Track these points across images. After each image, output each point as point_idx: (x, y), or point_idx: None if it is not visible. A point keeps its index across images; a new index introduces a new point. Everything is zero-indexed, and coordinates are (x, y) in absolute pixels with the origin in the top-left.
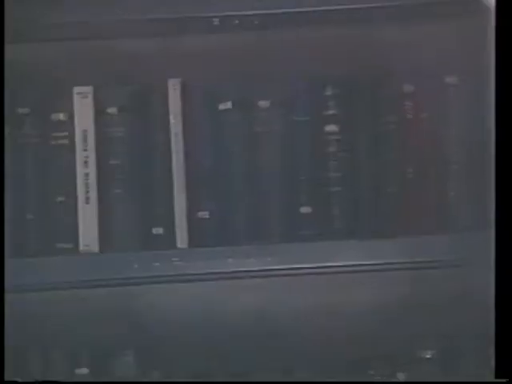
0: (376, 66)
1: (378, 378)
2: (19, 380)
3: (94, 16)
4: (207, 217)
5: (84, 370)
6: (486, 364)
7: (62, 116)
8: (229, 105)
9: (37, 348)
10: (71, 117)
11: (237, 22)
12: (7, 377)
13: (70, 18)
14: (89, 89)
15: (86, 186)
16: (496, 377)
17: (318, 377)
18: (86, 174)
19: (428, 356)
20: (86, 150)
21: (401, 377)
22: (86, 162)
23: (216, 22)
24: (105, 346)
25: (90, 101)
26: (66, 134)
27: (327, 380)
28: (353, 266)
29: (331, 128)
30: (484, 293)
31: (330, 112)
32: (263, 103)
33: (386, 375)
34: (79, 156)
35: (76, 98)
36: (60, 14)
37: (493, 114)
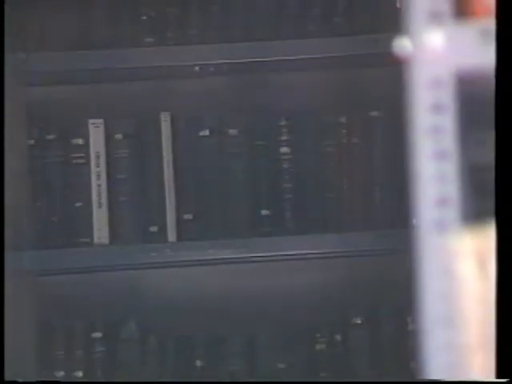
0: (318, 102)
1: (322, 340)
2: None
3: (103, 64)
4: (191, 218)
5: (98, 334)
6: (403, 328)
7: (80, 141)
8: (207, 132)
9: (62, 318)
10: (87, 142)
11: (212, 69)
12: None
13: (84, 67)
14: (100, 121)
15: (99, 194)
16: (496, 377)
17: (278, 339)
18: (99, 185)
19: (359, 322)
20: (98, 167)
21: (338, 337)
22: (98, 176)
23: (196, 68)
24: (114, 315)
25: (101, 130)
26: (83, 155)
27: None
28: (301, 254)
29: (284, 150)
30: (402, 276)
31: (284, 138)
32: (232, 131)
33: (328, 336)
34: (93, 171)
35: (91, 128)
36: (77, 63)
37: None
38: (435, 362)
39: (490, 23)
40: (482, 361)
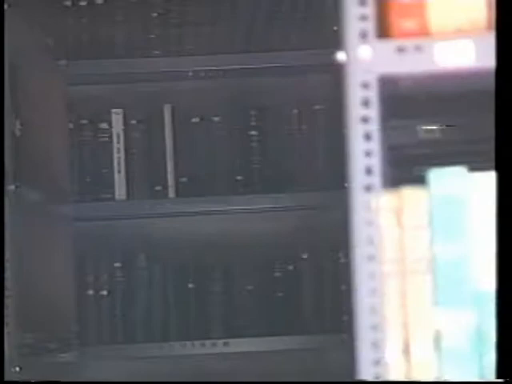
0: (277, 98)
1: (279, 269)
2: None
3: (122, 69)
4: (186, 181)
5: (118, 264)
6: (337, 261)
7: (105, 125)
8: (198, 119)
9: (92, 252)
10: (110, 125)
11: (202, 74)
12: None
13: (109, 71)
14: (120, 110)
15: (118, 163)
16: (496, 377)
17: (247, 268)
18: (118, 157)
19: (305, 257)
20: (118, 143)
21: (291, 268)
22: (118, 150)
23: (190, 73)
24: (129, 250)
25: (120, 117)
26: (107, 135)
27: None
28: (265, 208)
29: (253, 132)
30: (339, 224)
31: (253, 124)
32: (216, 118)
33: (283, 267)
34: (114, 147)
35: (113, 115)
36: (103, 68)
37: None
38: (362, 287)
39: (402, 42)
40: (397, 285)
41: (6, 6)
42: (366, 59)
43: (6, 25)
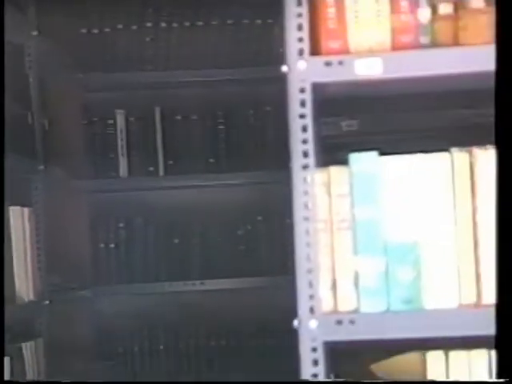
0: (237, 103)
1: (241, 228)
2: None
3: (124, 80)
4: (172, 163)
5: (121, 224)
6: (284, 223)
7: (111, 121)
8: (180, 117)
9: (102, 216)
10: (115, 122)
11: (184, 84)
12: None
13: (113, 81)
14: (122, 111)
15: (122, 150)
16: (496, 377)
17: (216, 226)
18: (121, 146)
19: (260, 219)
20: (121, 134)
21: (249, 227)
22: (121, 140)
23: (174, 83)
24: (130, 214)
25: (123, 115)
26: (113, 128)
27: None
28: (232, 184)
29: (221, 126)
30: (285, 195)
31: (220, 120)
32: (194, 116)
33: (244, 227)
34: (118, 137)
35: (117, 114)
36: (109, 79)
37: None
38: (300, 241)
39: (329, 58)
40: (326, 239)
41: (36, 33)
42: (302, 71)
43: (36, 47)
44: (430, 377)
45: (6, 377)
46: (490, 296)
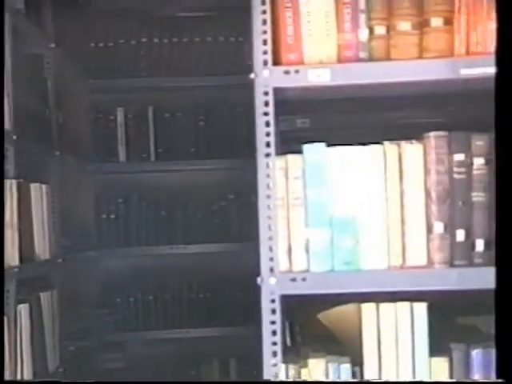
0: (216, 103)
1: (215, 205)
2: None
3: (126, 85)
4: (162, 151)
5: (120, 200)
6: (251, 202)
7: (113, 117)
8: (168, 115)
9: (105, 193)
10: (116, 117)
11: (172, 88)
12: None
13: (117, 86)
14: (122, 108)
15: (121, 139)
16: (496, 377)
17: (199, 202)
18: (121, 136)
19: (232, 197)
20: (121, 128)
21: (223, 203)
22: (121, 132)
23: (181, 87)
24: (128, 193)
25: (122, 112)
26: (114, 123)
27: None
28: (207, 168)
29: (201, 123)
30: (252, 177)
31: (201, 117)
32: (179, 114)
33: (218, 203)
34: (119, 130)
35: (118, 111)
36: (113, 84)
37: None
38: (263, 215)
39: (287, 68)
40: (284, 213)
41: (53, 45)
42: (266, 78)
43: (53, 57)
44: (364, 324)
45: (25, 324)
46: (412, 260)
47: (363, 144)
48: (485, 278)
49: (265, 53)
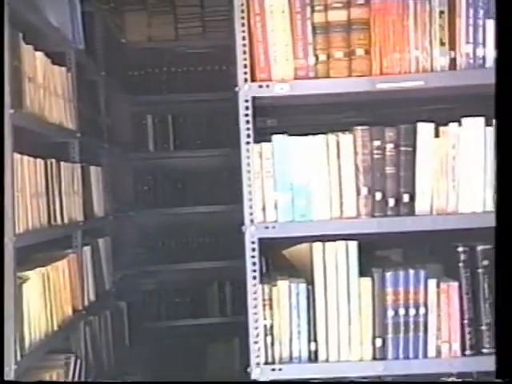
0: (209, 112)
1: (213, 182)
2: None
3: (145, 100)
4: (179, 143)
5: (150, 177)
6: (238, 176)
7: (144, 122)
8: (182, 120)
9: (140, 173)
10: (147, 122)
11: (184, 102)
12: None
13: (144, 100)
14: (150, 116)
15: (150, 136)
16: (496, 377)
17: (197, 182)
18: (151, 134)
19: (225, 175)
20: (150, 128)
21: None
22: (150, 131)
23: (190, 100)
24: (154, 173)
25: (151, 119)
26: (146, 125)
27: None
28: (197, 155)
29: (204, 124)
30: (235, 167)
31: (204, 120)
32: (189, 120)
33: (213, 181)
34: (149, 130)
35: (148, 118)
36: (140, 99)
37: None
38: (245, 190)
39: (261, 83)
40: (262, 182)
41: (104, 73)
42: (246, 90)
43: (104, 82)
44: (314, 256)
45: (86, 267)
46: (347, 212)
47: (313, 134)
48: (395, 224)
49: (245, 73)
